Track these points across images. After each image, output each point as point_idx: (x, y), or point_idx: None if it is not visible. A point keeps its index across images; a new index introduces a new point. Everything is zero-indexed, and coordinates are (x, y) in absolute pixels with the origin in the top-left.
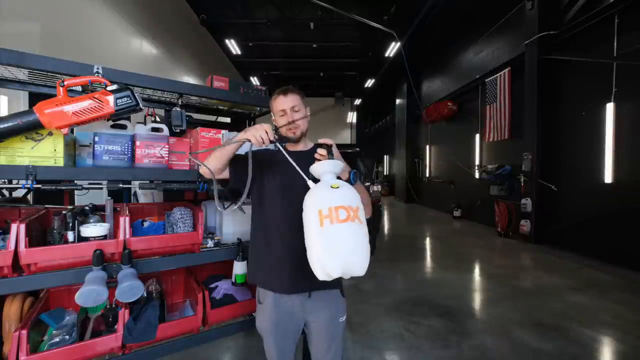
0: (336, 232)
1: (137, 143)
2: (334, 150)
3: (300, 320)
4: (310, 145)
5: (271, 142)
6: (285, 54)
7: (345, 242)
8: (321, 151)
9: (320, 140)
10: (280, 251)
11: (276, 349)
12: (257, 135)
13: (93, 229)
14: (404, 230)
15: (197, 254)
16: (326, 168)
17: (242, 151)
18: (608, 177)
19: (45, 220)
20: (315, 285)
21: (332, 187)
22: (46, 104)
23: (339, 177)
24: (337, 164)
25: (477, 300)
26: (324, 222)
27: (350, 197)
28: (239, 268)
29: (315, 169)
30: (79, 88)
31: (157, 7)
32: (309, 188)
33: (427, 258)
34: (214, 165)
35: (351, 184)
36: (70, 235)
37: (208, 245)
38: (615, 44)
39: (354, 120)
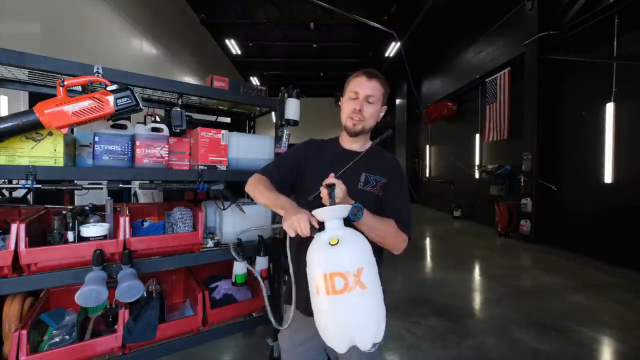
0: (333, 306)
1: (137, 143)
2: (337, 189)
3: (321, 345)
4: (368, 144)
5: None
6: (285, 54)
7: (345, 318)
8: (323, 191)
9: (325, 181)
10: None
11: None
12: (293, 228)
13: (93, 229)
14: None
15: (197, 254)
16: (327, 215)
17: None
18: (608, 177)
19: (45, 220)
20: None
21: (330, 243)
22: (46, 104)
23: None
24: (339, 209)
25: (477, 300)
26: (320, 291)
27: (352, 257)
28: (239, 268)
29: (317, 215)
30: (79, 88)
31: (157, 7)
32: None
33: (427, 258)
34: (259, 202)
35: (352, 220)
36: (70, 235)
37: (208, 245)
38: (615, 44)
39: None
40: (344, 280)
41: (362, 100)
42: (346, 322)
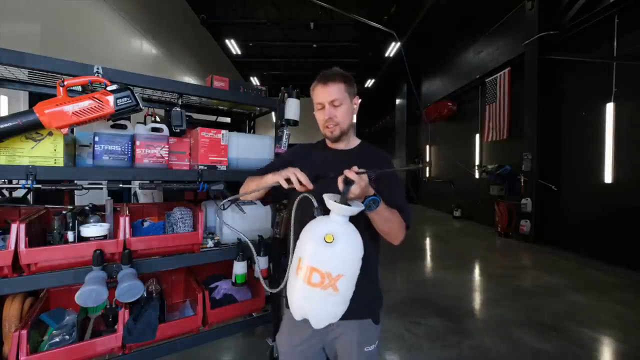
0: (303, 292)
1: (137, 143)
2: (355, 186)
3: (320, 344)
4: (354, 142)
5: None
6: (285, 54)
7: (308, 304)
8: (340, 185)
9: (345, 172)
10: None
11: None
12: (294, 179)
13: (93, 229)
14: None
15: (197, 254)
16: (334, 209)
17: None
18: (608, 177)
19: (45, 220)
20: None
21: (325, 240)
22: (46, 104)
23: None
24: (349, 210)
25: (477, 300)
26: (299, 274)
27: (338, 262)
28: (239, 268)
29: (328, 204)
30: (79, 88)
31: (157, 7)
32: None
33: (427, 258)
34: (253, 196)
35: (366, 211)
36: (70, 235)
37: (208, 245)
38: (615, 44)
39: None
40: (322, 278)
41: (328, 108)
42: (308, 307)
